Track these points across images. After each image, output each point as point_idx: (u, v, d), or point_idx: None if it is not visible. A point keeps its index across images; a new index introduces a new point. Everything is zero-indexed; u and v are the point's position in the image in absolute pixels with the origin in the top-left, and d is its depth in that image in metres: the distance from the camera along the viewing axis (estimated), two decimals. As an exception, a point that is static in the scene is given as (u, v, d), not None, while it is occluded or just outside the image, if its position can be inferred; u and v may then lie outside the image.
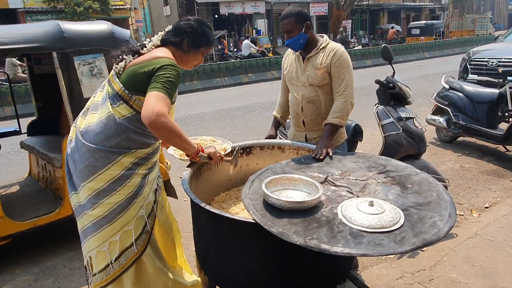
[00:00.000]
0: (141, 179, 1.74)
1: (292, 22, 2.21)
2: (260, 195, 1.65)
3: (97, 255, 1.72)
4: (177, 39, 1.77)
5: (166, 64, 1.61)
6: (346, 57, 2.26)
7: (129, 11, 21.73)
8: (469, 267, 2.56)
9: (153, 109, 1.46)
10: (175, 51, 1.78)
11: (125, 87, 1.64)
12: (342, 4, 25.50)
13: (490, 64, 6.37)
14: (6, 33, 2.67)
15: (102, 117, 1.67)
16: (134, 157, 1.71)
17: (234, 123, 7.20)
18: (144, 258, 1.80)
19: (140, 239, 1.76)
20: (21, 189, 3.57)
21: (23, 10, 18.23)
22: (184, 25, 1.79)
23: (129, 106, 1.65)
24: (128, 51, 1.75)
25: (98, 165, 1.65)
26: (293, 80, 2.41)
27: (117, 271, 1.73)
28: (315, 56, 2.29)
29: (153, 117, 1.45)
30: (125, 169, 1.68)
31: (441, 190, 1.66)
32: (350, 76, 2.26)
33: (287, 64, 2.49)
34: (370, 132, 5.74)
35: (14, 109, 4.21)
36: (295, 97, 2.43)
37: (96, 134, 1.66)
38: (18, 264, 2.95)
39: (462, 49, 18.91)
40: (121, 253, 1.72)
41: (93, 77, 2.85)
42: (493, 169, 4.40)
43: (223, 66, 12.95)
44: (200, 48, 1.82)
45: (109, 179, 1.66)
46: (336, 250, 1.27)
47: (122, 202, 1.69)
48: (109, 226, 1.69)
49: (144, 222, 1.77)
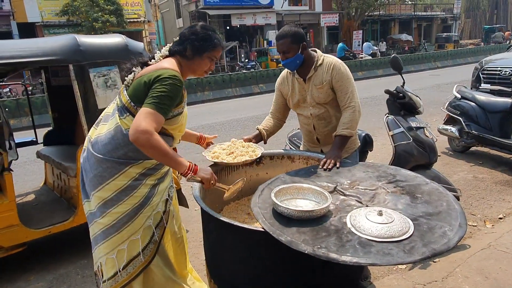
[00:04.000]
0: (149, 189, 1.75)
1: (288, 42, 2.19)
2: (269, 204, 1.67)
3: (106, 262, 1.75)
4: (180, 47, 1.75)
5: (164, 76, 1.59)
6: (344, 69, 2.27)
7: (143, 24, 22.17)
8: (482, 279, 2.51)
9: (138, 126, 1.50)
10: (181, 60, 1.77)
11: (131, 99, 1.67)
12: (353, 15, 25.60)
13: (503, 73, 6.30)
14: (25, 47, 2.77)
15: (110, 128, 1.71)
16: (141, 168, 1.72)
17: (245, 133, 7.21)
18: (152, 267, 1.81)
19: (147, 248, 1.77)
20: (36, 197, 3.66)
21: (41, 24, 18.77)
22: (186, 32, 1.78)
23: (134, 117, 1.64)
24: (137, 63, 1.77)
25: (105, 175, 1.69)
26: (300, 103, 2.41)
27: (125, 279, 1.76)
28: (315, 75, 2.29)
29: (136, 134, 1.49)
30: (132, 180, 1.70)
31: (451, 200, 1.65)
32: (353, 86, 2.28)
33: (287, 89, 2.44)
34: (381, 142, 5.71)
35: (31, 119, 4.33)
36: (304, 117, 2.43)
37: (104, 145, 1.70)
38: (32, 272, 3.01)
39: (474, 58, 18.70)
40: (129, 261, 1.75)
41: (108, 88, 2.93)
42: (507, 179, 4.33)
43: (235, 76, 13.09)
44: (203, 54, 1.76)
45: (116, 189, 1.69)
46: (345, 259, 1.27)
47: (129, 212, 1.70)
48: (117, 235, 1.72)
49: (152, 232, 1.77)
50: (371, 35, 30.47)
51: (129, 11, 20.74)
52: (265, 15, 23.91)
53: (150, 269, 1.82)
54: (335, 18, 25.97)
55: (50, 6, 18.88)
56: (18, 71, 3.71)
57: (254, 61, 19.93)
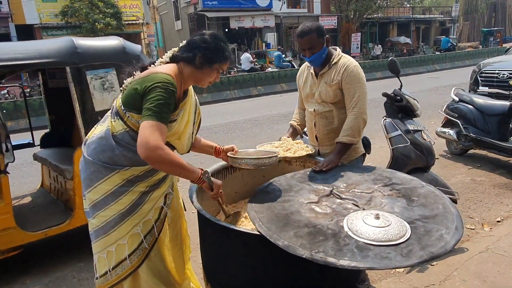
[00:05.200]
0: (138, 196, 1.71)
1: (314, 37, 2.15)
2: (265, 208, 1.67)
3: (99, 260, 1.77)
4: (189, 54, 1.67)
5: (155, 82, 1.53)
6: (357, 72, 2.21)
7: (142, 26, 22.17)
8: (480, 283, 2.51)
9: (146, 142, 1.43)
10: (186, 68, 1.69)
11: (122, 103, 1.63)
12: (351, 17, 25.66)
13: (501, 76, 6.31)
14: (23, 49, 2.76)
15: (102, 130, 1.70)
16: (128, 174, 1.68)
17: (243, 135, 7.25)
18: (140, 272, 1.79)
19: (134, 254, 1.74)
20: (33, 200, 3.64)
21: (39, 26, 18.75)
22: (197, 39, 1.69)
23: (123, 122, 1.64)
24: (138, 67, 1.74)
25: (93, 178, 1.69)
26: (308, 97, 2.42)
27: (115, 280, 1.76)
28: (327, 72, 2.27)
29: (147, 152, 1.44)
30: (117, 186, 1.67)
31: (448, 203, 1.65)
32: (362, 91, 2.20)
33: (302, 80, 2.47)
34: (379, 144, 5.71)
35: (28, 121, 4.32)
36: (309, 112, 2.44)
37: (94, 148, 1.70)
38: (29, 275, 2.99)
39: (472, 61, 18.77)
40: (118, 263, 1.74)
41: (105, 91, 2.92)
42: (505, 182, 4.33)
43: (233, 79, 13.08)
44: (214, 64, 1.70)
45: (103, 193, 1.68)
46: (343, 263, 1.26)
47: (114, 217, 1.68)
48: (105, 237, 1.72)
49: (141, 240, 1.74)
50: (369, 38, 30.56)
51: (127, 13, 20.73)
52: (264, 17, 23.95)
53: (138, 274, 1.80)
54: (334, 21, 26.02)
55: (48, 8, 18.85)
56: (15, 73, 3.69)
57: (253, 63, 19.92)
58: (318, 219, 1.56)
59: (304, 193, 1.82)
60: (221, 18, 23.13)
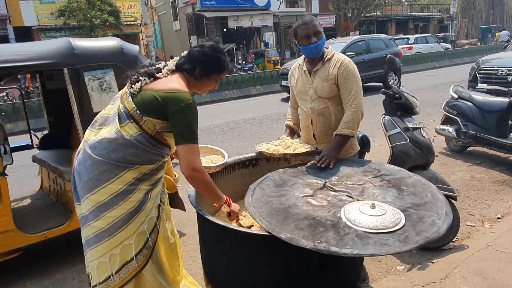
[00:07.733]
0: (144, 194, 1.75)
1: (318, 25, 2.26)
2: (263, 203, 1.68)
3: (99, 266, 1.74)
4: (189, 66, 1.79)
5: (183, 103, 1.64)
6: (352, 67, 2.28)
7: (140, 27, 22.17)
8: (481, 280, 2.51)
9: (191, 165, 1.65)
10: (188, 78, 1.81)
11: (138, 107, 1.68)
12: (349, 16, 25.68)
13: (500, 73, 6.32)
14: (20, 50, 2.76)
15: (111, 132, 1.71)
16: (137, 173, 1.72)
17: (242, 135, 7.24)
18: (144, 273, 1.80)
19: (141, 254, 1.76)
20: (32, 202, 3.64)
21: (37, 27, 18.73)
22: (197, 52, 1.81)
23: (138, 125, 1.68)
24: (143, 73, 1.77)
25: (101, 179, 1.68)
26: (302, 95, 2.43)
27: (118, 284, 1.74)
28: (321, 68, 2.31)
29: (192, 173, 1.66)
30: (128, 184, 1.70)
31: (435, 191, 1.73)
32: (358, 86, 2.27)
33: (294, 79, 2.50)
34: (379, 142, 5.71)
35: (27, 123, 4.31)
36: (304, 110, 2.44)
37: (104, 148, 1.69)
38: (29, 277, 2.98)
39: (471, 58, 18.75)
40: (122, 266, 1.73)
41: (103, 91, 2.92)
42: (505, 179, 4.33)
43: (232, 78, 13.06)
44: (212, 75, 1.84)
45: (111, 193, 1.68)
46: (346, 251, 1.30)
47: (123, 216, 1.70)
48: (110, 239, 1.70)
49: (146, 238, 1.77)
50: (368, 36, 30.52)
51: (125, 14, 20.72)
52: (262, 17, 23.96)
53: (142, 275, 1.81)
54: (332, 19, 26.03)
55: (46, 9, 18.83)
56: (13, 75, 3.69)
57: (251, 63, 20.04)
58: (316, 211, 1.59)
59: (298, 187, 1.87)
60: (219, 18, 23.12)
